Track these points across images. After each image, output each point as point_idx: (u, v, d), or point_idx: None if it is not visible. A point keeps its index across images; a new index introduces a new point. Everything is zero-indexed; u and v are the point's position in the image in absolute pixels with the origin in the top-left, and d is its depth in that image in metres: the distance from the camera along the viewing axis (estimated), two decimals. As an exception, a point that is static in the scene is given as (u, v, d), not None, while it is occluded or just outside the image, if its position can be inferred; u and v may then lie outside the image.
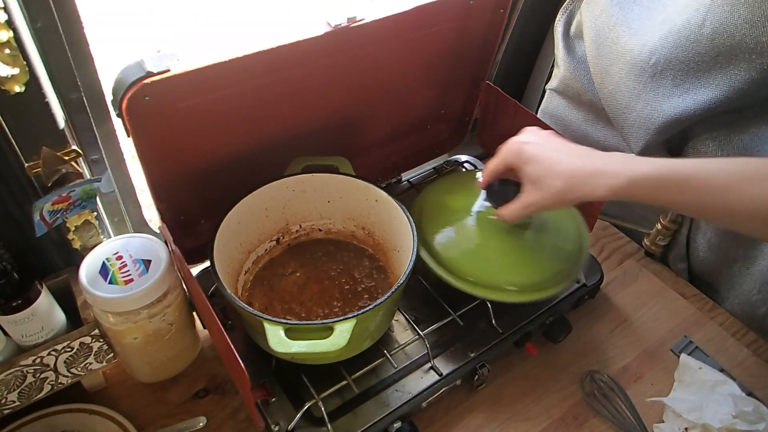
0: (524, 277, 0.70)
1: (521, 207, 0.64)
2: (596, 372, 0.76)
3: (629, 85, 0.77)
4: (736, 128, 0.73)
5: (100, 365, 0.68)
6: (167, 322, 0.67)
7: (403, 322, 0.75)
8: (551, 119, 0.99)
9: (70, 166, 0.62)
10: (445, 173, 0.95)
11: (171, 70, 0.55)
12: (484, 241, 0.73)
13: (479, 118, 0.93)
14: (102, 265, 0.64)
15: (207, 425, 0.70)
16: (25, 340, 0.64)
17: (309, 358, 0.64)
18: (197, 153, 0.69)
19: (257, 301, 0.74)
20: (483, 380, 0.73)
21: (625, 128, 0.81)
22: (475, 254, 0.72)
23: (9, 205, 0.63)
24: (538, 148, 0.62)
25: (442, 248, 0.72)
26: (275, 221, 0.78)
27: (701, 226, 0.84)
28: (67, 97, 0.62)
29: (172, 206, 0.70)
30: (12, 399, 0.64)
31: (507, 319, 0.75)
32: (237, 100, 0.65)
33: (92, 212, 0.68)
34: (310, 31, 0.62)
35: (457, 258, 0.71)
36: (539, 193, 0.61)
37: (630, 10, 0.78)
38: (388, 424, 0.66)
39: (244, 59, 0.58)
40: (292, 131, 0.75)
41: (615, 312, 0.85)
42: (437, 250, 0.72)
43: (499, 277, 0.70)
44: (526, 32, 1.01)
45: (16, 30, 0.51)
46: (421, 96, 0.87)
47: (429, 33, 0.75)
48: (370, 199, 0.75)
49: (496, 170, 0.66)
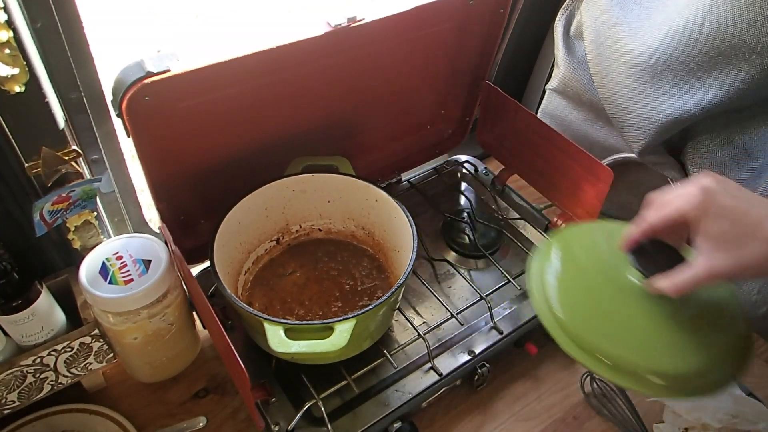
0: (674, 366, 0.54)
1: (699, 276, 0.49)
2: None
3: (629, 85, 0.77)
4: (736, 128, 0.73)
5: (100, 365, 0.68)
6: (167, 322, 0.67)
7: (403, 322, 0.75)
8: (551, 119, 0.99)
9: (70, 166, 0.62)
10: (573, 225, 0.73)
11: (171, 70, 0.55)
12: (625, 315, 0.57)
13: (479, 118, 0.93)
14: (102, 265, 0.64)
15: (207, 425, 0.70)
16: (25, 340, 0.64)
17: (309, 358, 0.64)
18: (197, 153, 0.69)
19: (257, 301, 0.74)
20: (483, 380, 0.73)
21: (625, 128, 0.81)
22: (611, 329, 0.57)
23: (9, 205, 0.63)
24: (729, 198, 0.48)
25: (569, 316, 0.58)
26: (275, 221, 0.78)
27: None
28: (67, 97, 0.62)
29: (172, 206, 0.70)
30: (12, 399, 0.64)
31: (507, 319, 0.75)
32: (237, 100, 0.65)
33: (92, 212, 0.68)
34: (310, 31, 0.62)
35: (587, 330, 0.56)
36: (732, 258, 0.47)
37: (630, 10, 0.78)
38: (388, 424, 0.66)
39: (244, 59, 0.58)
40: (292, 131, 0.75)
41: (615, 312, 0.85)
42: (562, 317, 0.58)
43: (642, 363, 0.54)
44: (526, 32, 1.01)
45: (16, 30, 0.51)
46: (421, 96, 0.87)
47: (429, 33, 0.75)
48: (370, 199, 0.75)
49: (662, 223, 0.51)
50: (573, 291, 0.60)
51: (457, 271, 0.82)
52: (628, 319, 0.57)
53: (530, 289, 0.61)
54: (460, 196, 0.96)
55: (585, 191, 0.79)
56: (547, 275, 0.61)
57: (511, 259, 0.87)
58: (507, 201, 0.93)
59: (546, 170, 0.85)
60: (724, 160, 0.75)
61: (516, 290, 0.79)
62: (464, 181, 0.98)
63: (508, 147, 0.91)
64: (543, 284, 0.61)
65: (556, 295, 0.60)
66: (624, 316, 0.57)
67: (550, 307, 0.59)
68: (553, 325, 0.58)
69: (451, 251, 0.87)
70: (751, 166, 0.74)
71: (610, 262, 0.60)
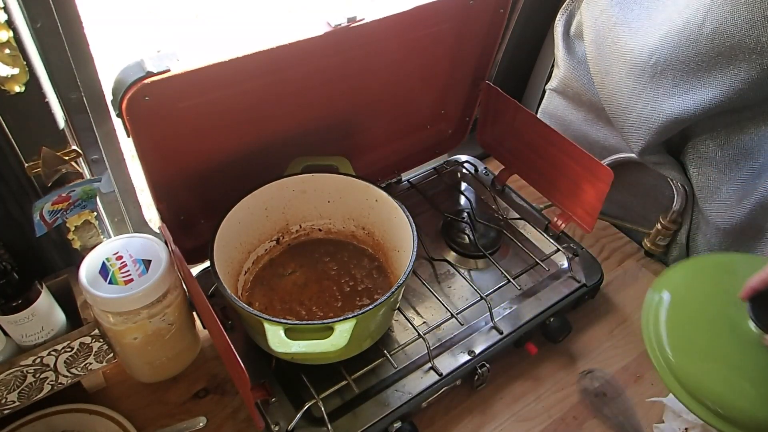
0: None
1: None
2: (596, 371, 0.76)
3: (629, 85, 0.77)
4: (736, 128, 0.73)
5: (100, 365, 0.68)
6: (167, 322, 0.67)
7: (403, 322, 0.75)
8: (551, 119, 0.99)
9: (70, 166, 0.62)
10: (687, 263, 0.71)
11: (171, 70, 0.55)
12: (738, 363, 0.56)
13: (479, 118, 0.93)
14: (102, 265, 0.64)
15: (207, 425, 0.70)
16: (25, 340, 0.64)
17: (309, 358, 0.64)
18: (197, 153, 0.69)
19: (257, 301, 0.74)
20: (483, 380, 0.73)
21: (625, 128, 0.81)
22: (724, 377, 0.56)
23: (9, 205, 0.63)
24: None
25: (682, 365, 0.57)
26: (275, 221, 0.78)
27: (701, 226, 0.84)
28: (67, 97, 0.62)
29: (172, 206, 0.70)
30: (12, 399, 0.64)
31: (507, 319, 0.75)
32: (237, 100, 0.65)
33: (92, 212, 0.68)
34: (310, 31, 0.62)
35: (703, 382, 0.56)
36: None
37: (630, 10, 0.78)
38: (388, 424, 0.66)
39: (244, 59, 0.58)
40: (292, 131, 0.75)
41: (615, 312, 0.85)
42: (675, 365, 0.57)
43: (752, 415, 0.53)
44: (526, 32, 1.01)
45: (16, 30, 0.51)
46: (421, 96, 0.87)
47: (429, 33, 0.75)
48: (370, 199, 0.75)
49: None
50: (686, 333, 0.59)
51: (457, 271, 0.82)
52: (740, 369, 0.55)
53: (643, 328, 0.61)
54: (460, 196, 0.96)
55: (585, 191, 0.79)
56: (660, 315, 0.61)
57: (511, 259, 0.87)
58: (507, 201, 0.93)
59: (546, 170, 0.85)
60: (724, 160, 0.75)
61: (516, 290, 0.79)
62: (464, 181, 0.98)
63: (508, 147, 0.91)
64: (656, 324, 0.60)
65: (667, 337, 0.59)
66: (737, 364, 0.56)
67: (662, 350, 0.58)
68: (663, 368, 0.58)
69: (451, 251, 0.87)
70: (751, 166, 0.74)
71: (729, 306, 0.59)
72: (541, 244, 0.88)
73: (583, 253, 0.85)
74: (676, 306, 0.62)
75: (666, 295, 0.63)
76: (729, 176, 0.75)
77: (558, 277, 0.82)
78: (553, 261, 0.85)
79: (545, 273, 0.82)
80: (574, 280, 0.81)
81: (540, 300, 0.78)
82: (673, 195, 0.85)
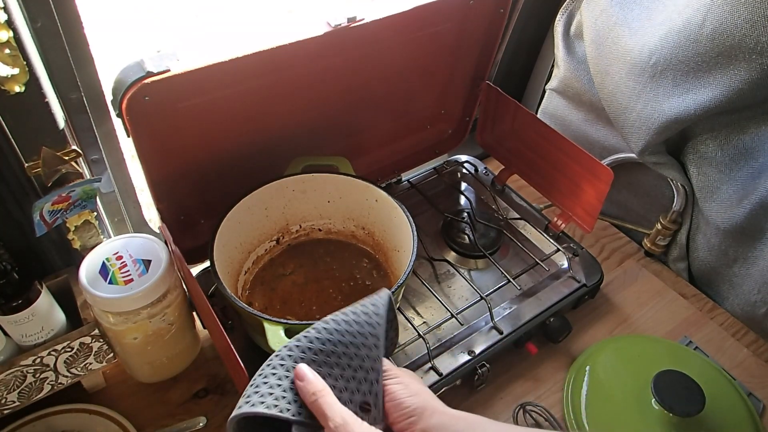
0: None
1: None
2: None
3: (629, 85, 0.77)
4: (736, 128, 0.73)
5: (100, 365, 0.68)
6: (167, 322, 0.67)
7: (403, 322, 0.75)
8: (551, 119, 0.99)
9: (70, 166, 0.62)
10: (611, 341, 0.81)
11: (171, 70, 0.55)
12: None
13: (479, 118, 0.93)
14: (102, 265, 0.64)
15: (207, 425, 0.70)
16: (25, 340, 0.64)
17: (309, 358, 0.64)
18: (197, 153, 0.69)
19: (257, 301, 0.74)
20: (483, 380, 0.73)
21: (625, 128, 0.81)
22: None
23: (9, 205, 0.63)
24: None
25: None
26: (275, 221, 0.78)
27: (701, 226, 0.84)
28: (67, 97, 0.62)
29: (172, 206, 0.70)
30: (12, 399, 0.64)
31: (507, 319, 0.75)
32: (237, 100, 0.65)
33: (92, 212, 0.68)
34: (310, 31, 0.62)
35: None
36: None
37: (630, 10, 0.78)
38: (388, 424, 0.66)
39: (244, 59, 0.58)
40: (292, 131, 0.75)
41: (615, 312, 0.85)
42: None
43: None
44: (526, 32, 1.01)
45: (16, 30, 0.51)
46: (421, 96, 0.87)
47: (429, 33, 0.75)
48: (370, 199, 0.75)
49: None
50: (603, 409, 0.70)
51: (457, 271, 0.82)
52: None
53: (564, 404, 0.72)
54: (460, 196, 0.96)
55: (585, 191, 0.79)
56: (582, 390, 0.72)
57: (511, 259, 0.87)
58: (507, 201, 0.93)
59: (546, 170, 0.85)
60: (724, 160, 0.75)
61: (516, 290, 0.79)
62: (464, 181, 0.98)
63: (508, 147, 0.91)
64: (577, 399, 0.71)
65: (586, 411, 0.70)
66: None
67: (580, 424, 0.69)
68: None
69: (451, 251, 0.87)
70: (751, 166, 0.74)
71: (638, 386, 0.71)
72: (541, 244, 0.88)
73: (583, 253, 0.85)
74: (595, 383, 0.73)
75: (587, 371, 0.74)
76: (729, 176, 0.76)
77: (558, 277, 0.82)
78: (553, 261, 0.85)
79: (545, 273, 0.82)
80: (574, 280, 0.81)
81: (540, 300, 0.78)
82: (673, 195, 0.85)
